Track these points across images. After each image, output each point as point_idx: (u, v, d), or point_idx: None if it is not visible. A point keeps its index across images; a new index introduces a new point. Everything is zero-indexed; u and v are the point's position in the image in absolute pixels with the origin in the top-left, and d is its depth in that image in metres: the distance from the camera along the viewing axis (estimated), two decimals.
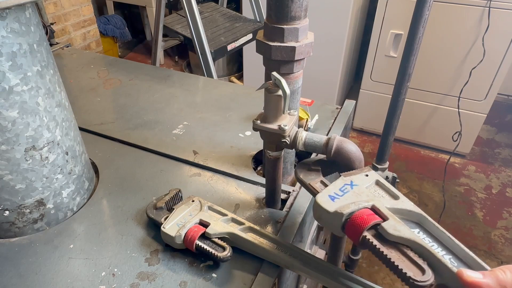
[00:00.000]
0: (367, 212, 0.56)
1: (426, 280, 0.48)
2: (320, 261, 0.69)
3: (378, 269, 2.17)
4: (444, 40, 2.61)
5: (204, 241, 0.72)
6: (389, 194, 0.60)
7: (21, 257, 0.75)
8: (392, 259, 0.51)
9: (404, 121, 2.60)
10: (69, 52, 1.63)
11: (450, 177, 2.78)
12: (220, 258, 0.69)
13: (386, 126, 1.30)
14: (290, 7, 0.69)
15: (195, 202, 0.79)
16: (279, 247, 0.71)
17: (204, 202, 0.79)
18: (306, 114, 1.12)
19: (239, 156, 1.03)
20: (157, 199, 0.83)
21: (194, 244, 0.71)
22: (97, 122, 1.16)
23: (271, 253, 0.71)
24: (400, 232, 0.52)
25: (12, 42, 0.65)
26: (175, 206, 0.79)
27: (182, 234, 0.72)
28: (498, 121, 3.38)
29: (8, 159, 0.71)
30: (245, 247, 0.74)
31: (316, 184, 0.68)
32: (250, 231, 0.75)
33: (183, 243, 0.73)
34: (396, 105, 1.24)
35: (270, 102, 0.69)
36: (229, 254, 0.70)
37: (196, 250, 0.71)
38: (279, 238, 0.74)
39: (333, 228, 0.58)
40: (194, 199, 0.80)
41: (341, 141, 0.70)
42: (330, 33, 2.84)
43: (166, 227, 0.74)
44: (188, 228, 0.73)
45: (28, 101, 0.70)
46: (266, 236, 0.73)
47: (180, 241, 0.72)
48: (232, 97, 1.32)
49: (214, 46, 2.14)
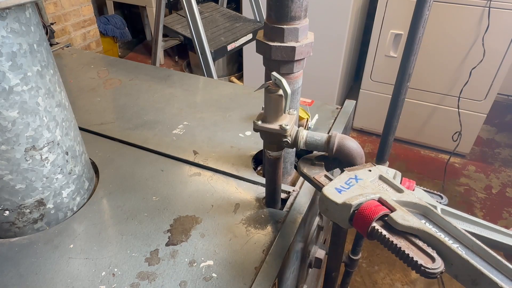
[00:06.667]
0: (375, 204, 0.57)
1: (437, 267, 0.49)
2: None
3: (378, 269, 2.17)
4: (444, 40, 2.61)
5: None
6: (393, 188, 0.61)
7: (21, 257, 0.75)
8: (402, 248, 0.52)
9: (404, 121, 2.61)
10: (69, 52, 1.63)
11: (450, 177, 2.78)
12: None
13: (386, 126, 1.30)
14: (290, 7, 0.69)
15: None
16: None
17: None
18: (306, 114, 1.12)
19: (239, 156, 1.03)
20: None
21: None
22: (97, 122, 1.16)
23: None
24: (409, 222, 0.53)
25: (12, 42, 0.65)
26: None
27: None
28: (498, 121, 3.38)
29: (8, 159, 0.71)
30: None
31: (320, 178, 0.69)
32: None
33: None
34: (396, 105, 1.24)
35: (271, 102, 0.69)
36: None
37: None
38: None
39: (341, 220, 0.59)
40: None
41: (342, 138, 0.71)
42: (330, 33, 2.84)
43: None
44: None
45: (28, 101, 0.70)
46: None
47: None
48: (232, 97, 1.32)
49: (214, 46, 2.14)
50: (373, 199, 0.58)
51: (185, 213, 0.85)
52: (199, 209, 0.86)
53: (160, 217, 0.84)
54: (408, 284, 2.09)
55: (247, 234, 0.80)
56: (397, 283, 2.10)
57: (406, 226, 0.53)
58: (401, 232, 0.54)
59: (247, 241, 0.78)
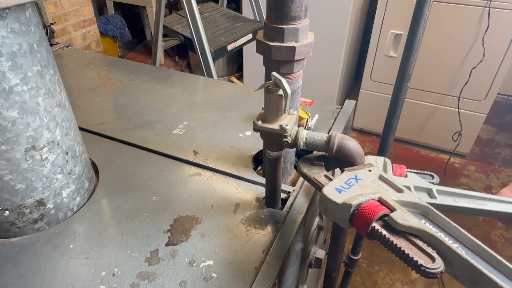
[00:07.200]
0: (375, 203, 0.57)
1: (437, 267, 0.49)
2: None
3: (378, 269, 2.17)
4: (444, 40, 2.61)
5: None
6: (393, 188, 0.61)
7: (21, 257, 0.75)
8: (402, 248, 0.52)
9: (404, 121, 2.60)
10: (69, 52, 1.63)
11: (450, 177, 2.78)
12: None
13: (386, 126, 1.31)
14: (290, 7, 0.69)
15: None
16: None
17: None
18: (306, 114, 1.12)
19: (239, 156, 1.03)
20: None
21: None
22: (97, 122, 1.16)
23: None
24: (409, 222, 0.53)
25: (12, 42, 0.65)
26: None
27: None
28: (498, 121, 3.38)
29: (8, 159, 0.71)
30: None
31: (320, 178, 0.69)
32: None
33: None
34: (396, 105, 1.24)
35: (271, 102, 0.69)
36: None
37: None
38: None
39: (340, 220, 0.59)
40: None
41: (342, 138, 0.71)
42: (330, 33, 2.84)
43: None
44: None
45: (28, 101, 0.70)
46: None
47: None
48: (232, 97, 1.32)
49: (214, 46, 2.14)
50: (373, 199, 0.58)
51: (185, 213, 0.85)
52: (199, 209, 0.86)
53: (160, 217, 0.84)
54: (408, 284, 2.09)
55: (247, 234, 0.80)
56: (397, 283, 2.10)
57: (406, 226, 0.53)
58: (401, 232, 0.54)
59: (247, 241, 0.78)
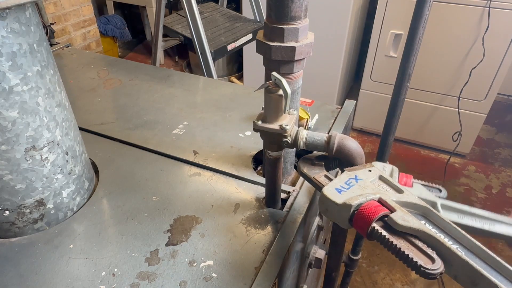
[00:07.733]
0: (375, 204, 0.57)
1: (436, 268, 0.49)
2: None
3: (378, 269, 2.17)
4: (444, 40, 2.61)
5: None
6: (393, 189, 0.61)
7: (21, 257, 0.75)
8: (402, 249, 0.52)
9: (404, 121, 2.60)
10: (69, 52, 1.63)
11: (450, 177, 2.78)
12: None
13: (386, 126, 1.30)
14: (290, 7, 0.69)
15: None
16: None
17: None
18: (306, 114, 1.12)
19: (239, 156, 1.03)
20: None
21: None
22: (97, 122, 1.16)
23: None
24: (409, 222, 0.53)
25: (12, 42, 0.65)
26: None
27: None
28: (498, 121, 3.38)
29: (8, 159, 0.71)
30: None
31: (320, 178, 0.69)
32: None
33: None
34: (396, 105, 1.24)
35: (271, 102, 0.69)
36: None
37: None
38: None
39: (340, 220, 0.59)
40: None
41: (342, 138, 0.71)
42: (330, 33, 2.84)
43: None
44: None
45: (28, 101, 0.70)
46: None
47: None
48: (232, 97, 1.32)
49: (214, 46, 2.14)
50: (373, 199, 0.58)
51: (185, 213, 0.85)
52: (199, 209, 0.86)
53: (160, 217, 0.84)
54: (408, 284, 2.10)
55: (247, 234, 0.80)
56: (397, 283, 2.10)
57: (406, 227, 0.53)
58: (401, 233, 0.54)
59: (247, 241, 0.78)
